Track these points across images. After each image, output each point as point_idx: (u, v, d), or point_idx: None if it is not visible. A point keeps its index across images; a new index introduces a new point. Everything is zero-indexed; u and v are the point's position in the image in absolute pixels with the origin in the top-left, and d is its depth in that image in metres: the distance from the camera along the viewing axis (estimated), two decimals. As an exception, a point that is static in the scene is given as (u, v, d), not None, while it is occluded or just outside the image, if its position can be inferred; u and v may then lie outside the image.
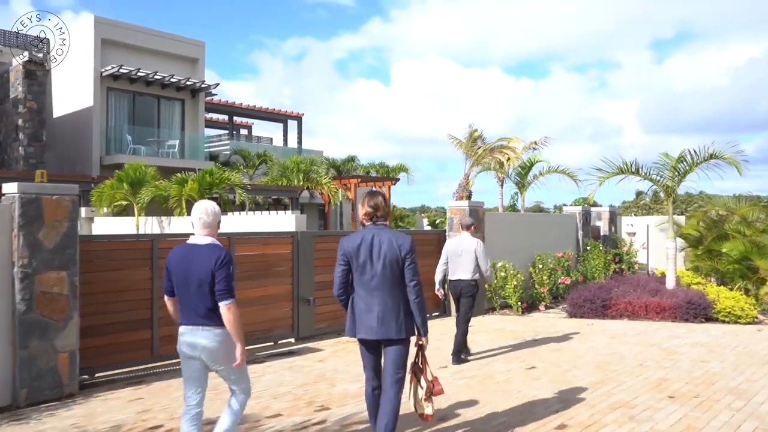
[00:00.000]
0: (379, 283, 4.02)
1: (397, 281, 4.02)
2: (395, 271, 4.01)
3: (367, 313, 4.04)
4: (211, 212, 3.81)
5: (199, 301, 3.69)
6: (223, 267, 3.65)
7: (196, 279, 3.67)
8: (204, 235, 3.78)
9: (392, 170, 24.03)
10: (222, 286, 3.64)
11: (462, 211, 11.79)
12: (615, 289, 10.94)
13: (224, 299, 3.64)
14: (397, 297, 4.02)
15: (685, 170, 12.18)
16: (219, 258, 3.66)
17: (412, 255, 4.03)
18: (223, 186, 12.50)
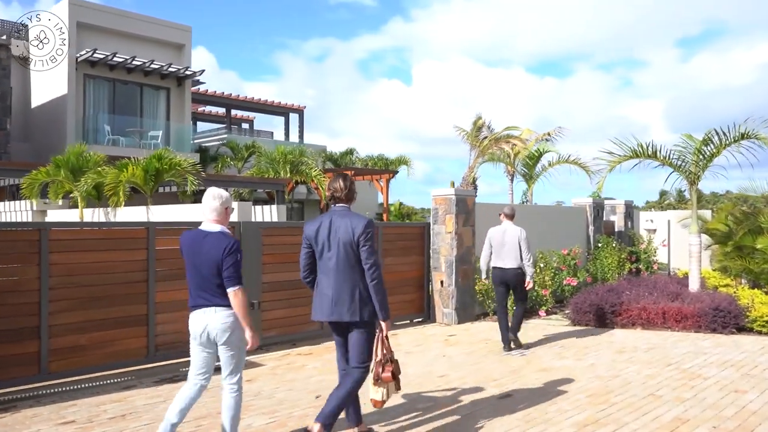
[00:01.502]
0: (335, 266, 4.02)
1: (353, 264, 4.01)
2: (350, 254, 4.00)
3: (324, 296, 4.08)
4: (218, 197, 3.89)
5: (209, 285, 3.80)
6: (231, 255, 3.74)
7: (206, 265, 3.78)
8: (213, 221, 3.88)
9: (391, 163, 22.43)
10: (229, 273, 3.74)
11: (448, 200, 10.15)
12: (627, 293, 9.19)
13: (232, 285, 3.75)
14: (353, 280, 4.00)
15: (712, 153, 10.38)
16: (227, 246, 3.76)
17: (367, 237, 3.97)
18: (174, 173, 11.04)
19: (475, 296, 10.33)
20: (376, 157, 22.81)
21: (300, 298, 8.49)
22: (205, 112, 33.39)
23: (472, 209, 10.40)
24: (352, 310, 3.99)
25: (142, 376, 6.51)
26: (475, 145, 20.64)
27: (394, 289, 10.16)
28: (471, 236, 10.34)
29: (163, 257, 7.06)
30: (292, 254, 8.44)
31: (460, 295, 10.02)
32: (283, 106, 31.00)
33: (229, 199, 3.95)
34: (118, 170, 10.73)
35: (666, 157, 10.61)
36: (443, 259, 10.13)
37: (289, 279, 8.33)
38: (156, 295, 6.97)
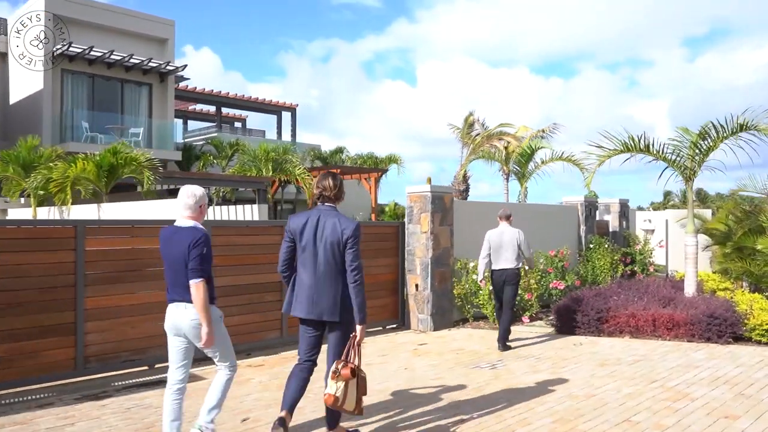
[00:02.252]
0: (318, 264, 3.99)
1: (336, 265, 3.98)
2: (336, 254, 3.97)
3: (303, 293, 4.04)
4: (191, 194, 3.91)
5: (180, 280, 3.81)
6: (196, 247, 3.76)
7: (178, 259, 3.81)
8: (187, 217, 3.91)
9: (381, 162, 21.71)
10: (193, 265, 3.74)
11: (423, 197, 9.43)
12: (614, 298, 8.45)
13: (193, 277, 3.75)
14: (334, 280, 3.99)
15: (709, 147, 9.64)
16: (193, 239, 3.78)
17: (354, 240, 3.97)
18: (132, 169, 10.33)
19: (453, 301, 9.61)
20: (366, 155, 22.08)
21: (256, 304, 7.80)
22: (195, 111, 32.79)
23: (450, 207, 9.68)
24: (331, 309, 3.97)
25: (66, 391, 5.82)
26: (466, 142, 19.92)
27: (371, 293, 9.43)
28: (449, 236, 9.62)
29: (94, 259, 6.37)
30: (248, 256, 7.76)
31: (437, 299, 9.30)
32: (275, 104, 30.33)
33: (203, 197, 3.98)
34: (65, 166, 10.03)
35: (660, 152, 9.87)
36: (418, 261, 9.41)
37: (245, 283, 7.65)
38: (85, 302, 6.28)
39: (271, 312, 7.93)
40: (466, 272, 9.67)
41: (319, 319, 4.00)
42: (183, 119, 32.12)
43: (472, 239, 10.04)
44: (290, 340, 8.04)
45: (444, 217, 9.56)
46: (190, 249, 3.74)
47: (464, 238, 9.90)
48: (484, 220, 10.44)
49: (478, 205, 10.84)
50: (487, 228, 10.38)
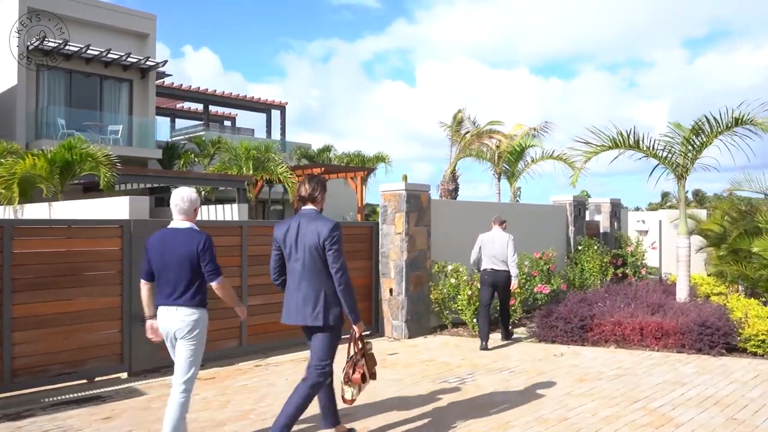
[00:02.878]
0: (302, 269, 3.94)
1: (319, 268, 3.91)
2: (316, 258, 3.90)
3: (290, 299, 4.03)
4: (187, 199, 3.92)
5: (178, 283, 3.81)
6: (207, 250, 3.81)
7: (176, 262, 3.80)
8: (182, 219, 3.90)
9: (369, 160, 21.11)
10: (210, 268, 3.80)
11: (397, 196, 8.85)
12: (599, 304, 7.86)
13: (214, 278, 3.84)
14: (318, 284, 3.92)
15: (702, 143, 9.07)
16: (201, 242, 3.82)
17: (332, 241, 3.86)
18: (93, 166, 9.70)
19: (430, 306, 9.03)
20: (353, 153, 21.47)
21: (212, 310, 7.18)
22: (183, 109, 32.17)
23: (426, 207, 9.10)
24: (315, 314, 3.90)
25: (-14, 410, 5.23)
26: (456, 140, 19.31)
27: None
28: (425, 238, 9.03)
29: (23, 263, 5.78)
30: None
31: (412, 305, 8.72)
32: (264, 102, 29.74)
33: (197, 200, 3.98)
34: (12, 162, 9.42)
35: (650, 148, 9.29)
36: (392, 264, 8.83)
37: (196, 288, 7.05)
38: (13, 309, 5.70)
39: (228, 319, 7.34)
40: (444, 276, 9.09)
41: (304, 323, 3.96)
42: (171, 117, 31.53)
43: (451, 241, 9.47)
44: (250, 350, 7.47)
45: (420, 217, 8.97)
46: (200, 253, 3.78)
47: (442, 239, 9.33)
48: (464, 220, 9.88)
49: (458, 204, 10.27)
50: (465, 229, 9.85)
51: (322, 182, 4.12)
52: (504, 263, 7.86)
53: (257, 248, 7.63)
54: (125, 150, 19.48)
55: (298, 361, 7.15)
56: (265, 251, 8.08)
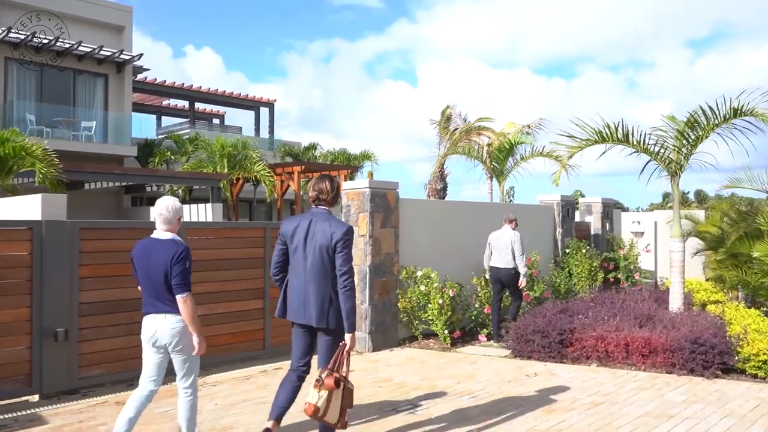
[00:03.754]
0: (308, 268, 3.90)
1: (326, 269, 3.88)
2: (325, 258, 3.87)
3: (294, 297, 3.99)
4: (171, 209, 3.95)
5: (159, 291, 3.86)
6: (179, 262, 3.80)
7: (156, 271, 3.85)
8: (164, 230, 3.94)
9: (354, 158, 20.28)
10: (177, 281, 3.79)
11: (360, 195, 8.03)
12: (581, 316, 7.03)
13: (180, 292, 3.80)
14: (324, 285, 3.89)
15: (698, 137, 8.24)
16: (176, 253, 3.82)
17: (345, 243, 3.84)
18: (28, 162, 8.91)
19: (397, 316, 8.20)
20: (338, 151, 20.65)
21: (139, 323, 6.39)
22: (170, 106, 31.36)
23: (394, 207, 8.27)
24: (320, 315, 3.87)
25: None
26: (444, 137, 18.52)
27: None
28: (393, 240, 8.21)
29: None
30: (125, 265, 6.34)
31: (376, 315, 7.90)
32: (252, 99, 28.95)
33: (180, 209, 4.02)
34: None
35: (641, 143, 8.46)
36: (356, 270, 7.99)
37: (122, 298, 6.24)
38: None
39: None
40: (413, 282, 8.27)
41: (308, 323, 3.91)
42: (157, 115, 30.77)
43: (422, 244, 8.65)
44: (208, 363, 6.71)
45: (387, 218, 8.15)
46: (172, 264, 3.79)
47: (413, 242, 8.51)
48: (438, 221, 9.06)
49: (430, 204, 9.46)
50: (439, 231, 9.01)
51: (336, 183, 4.05)
52: (509, 261, 8.14)
53: (202, 252, 6.86)
54: (99, 147, 18.71)
55: (239, 381, 6.35)
56: (212, 255, 7.30)
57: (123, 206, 19.61)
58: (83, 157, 18.29)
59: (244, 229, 7.39)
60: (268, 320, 7.46)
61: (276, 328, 7.54)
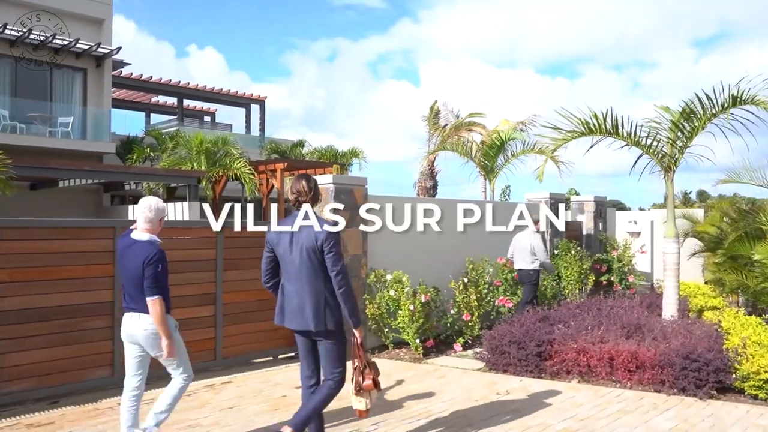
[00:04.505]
0: (298, 272, 3.80)
1: (317, 271, 3.78)
2: (314, 260, 3.77)
3: (289, 303, 3.87)
4: (154, 208, 3.95)
5: (136, 291, 3.87)
6: (151, 265, 3.81)
7: (134, 273, 3.85)
8: (144, 230, 3.93)
9: (342, 156, 19.61)
10: (149, 283, 3.80)
11: (325, 190, 7.34)
12: (560, 326, 6.33)
13: (150, 294, 3.81)
14: (317, 287, 3.78)
15: (693, 128, 7.55)
16: (147, 257, 3.82)
17: (331, 243, 3.74)
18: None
19: (365, 323, 7.51)
20: (325, 148, 19.97)
21: (73, 333, 5.73)
22: (159, 104, 30.72)
23: (362, 204, 7.59)
24: (317, 319, 3.75)
25: None
26: (433, 133, 17.84)
27: (251, 314, 7.39)
28: (360, 240, 7.55)
29: None
30: (52, 269, 5.66)
31: (341, 322, 7.21)
32: (242, 96, 28.34)
33: (163, 209, 4.02)
34: None
35: (632, 135, 7.76)
36: (319, 273, 7.33)
37: (46, 305, 5.58)
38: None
39: (96, 343, 5.89)
40: (383, 286, 7.59)
41: (306, 329, 3.82)
42: (146, 112, 30.17)
43: (394, 244, 7.97)
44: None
45: (353, 216, 7.47)
46: (144, 266, 3.80)
47: (383, 242, 7.83)
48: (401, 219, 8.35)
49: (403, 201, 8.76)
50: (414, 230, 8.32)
51: (316, 181, 3.94)
52: (528, 261, 8.37)
53: (178, 253, 6.28)
54: (77, 144, 18.08)
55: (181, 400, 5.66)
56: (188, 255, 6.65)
57: (102, 205, 18.97)
58: (60, 154, 17.65)
59: (194, 228, 6.72)
60: (220, 329, 6.80)
61: (229, 338, 6.88)
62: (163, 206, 4.04)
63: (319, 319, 3.73)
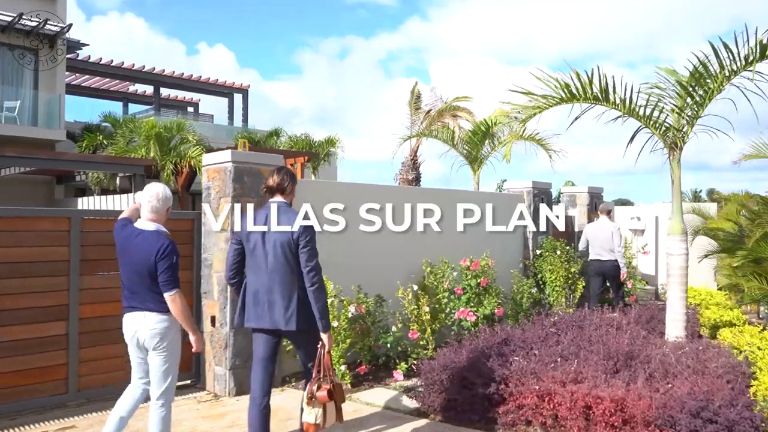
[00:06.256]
0: (269, 267, 3.63)
1: (290, 267, 3.62)
2: (287, 255, 3.61)
3: (256, 300, 3.68)
4: (162, 197, 3.67)
5: (141, 287, 3.56)
6: (165, 257, 3.49)
7: (139, 265, 3.53)
8: (151, 220, 3.64)
9: (317, 145, 17.91)
10: (165, 277, 3.50)
11: (223, 171, 5.65)
12: (518, 359, 4.56)
13: (168, 290, 3.51)
14: (289, 284, 3.61)
15: (708, 92, 5.79)
16: (162, 247, 3.50)
17: (307, 238, 3.60)
18: None
19: (278, 344, 5.80)
20: (299, 137, 18.26)
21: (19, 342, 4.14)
22: (138, 93, 29.16)
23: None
24: (288, 317, 3.59)
25: None
26: (415, 119, 16.09)
27: (120, 332, 5.71)
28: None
29: None
30: None
31: (244, 342, 5.53)
32: (223, 85, 26.77)
33: (169, 198, 3.72)
34: None
35: (627, 103, 6.01)
36: (216, 278, 5.65)
37: None
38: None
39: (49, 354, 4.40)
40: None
41: (274, 328, 3.63)
42: (124, 102, 28.65)
43: (324, 242, 6.23)
44: None
45: (262, 205, 5.75)
46: (157, 259, 3.47)
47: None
48: (354, 212, 6.62)
49: (342, 188, 7.05)
50: (354, 224, 6.62)
51: (291, 173, 3.83)
52: (611, 252, 8.05)
53: (12, 252, 4.69)
54: (25, 130, 16.49)
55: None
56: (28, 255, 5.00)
57: (55, 197, 17.39)
58: (4, 141, 16.09)
59: (36, 219, 5.03)
60: (75, 352, 5.12)
61: (88, 364, 5.20)
62: (170, 195, 3.71)
63: (291, 317, 3.57)
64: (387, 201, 6.93)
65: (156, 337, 3.55)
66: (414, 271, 6.99)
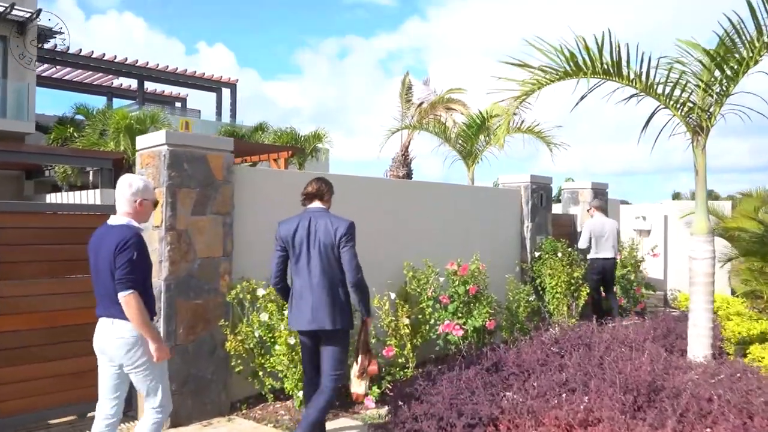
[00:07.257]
0: (314, 270, 3.71)
1: (333, 269, 3.72)
2: (331, 257, 3.71)
3: (301, 303, 3.74)
4: (130, 186, 3.24)
5: (108, 290, 3.15)
6: (124, 251, 3.04)
7: (103, 265, 3.13)
8: (122, 214, 3.24)
9: (303, 140, 16.93)
10: (121, 274, 3.04)
11: (157, 156, 4.67)
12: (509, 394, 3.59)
13: (123, 288, 3.04)
14: (333, 286, 3.72)
15: (742, 63, 4.84)
16: (122, 240, 3.06)
17: (348, 238, 3.70)
18: None
19: (226, 363, 4.83)
20: (284, 131, 17.28)
21: None
22: (122, 87, 28.18)
23: (223, 180, 4.90)
24: (332, 318, 3.68)
25: None
26: (406, 112, 15.14)
27: (41, 350, 4.65)
28: (219, 236, 4.86)
29: None
30: None
31: (183, 362, 4.56)
32: (211, 79, 25.88)
33: (144, 190, 3.25)
34: None
35: (642, 78, 5.06)
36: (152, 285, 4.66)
37: None
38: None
39: None
40: (253, 307, 4.91)
41: (322, 328, 3.69)
42: (108, 96, 27.68)
43: (263, 235, 5.24)
44: None
45: (208, 197, 4.79)
46: (115, 254, 3.03)
47: (258, 240, 5.11)
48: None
49: (296, 177, 6.08)
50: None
51: (328, 182, 3.93)
52: (613, 250, 7.90)
53: None
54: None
55: None
56: None
57: (24, 193, 16.41)
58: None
59: None
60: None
61: (3, 387, 4.22)
62: (144, 185, 3.29)
63: (335, 318, 3.66)
64: (360, 194, 5.99)
65: (124, 347, 3.10)
66: (392, 276, 6.03)
